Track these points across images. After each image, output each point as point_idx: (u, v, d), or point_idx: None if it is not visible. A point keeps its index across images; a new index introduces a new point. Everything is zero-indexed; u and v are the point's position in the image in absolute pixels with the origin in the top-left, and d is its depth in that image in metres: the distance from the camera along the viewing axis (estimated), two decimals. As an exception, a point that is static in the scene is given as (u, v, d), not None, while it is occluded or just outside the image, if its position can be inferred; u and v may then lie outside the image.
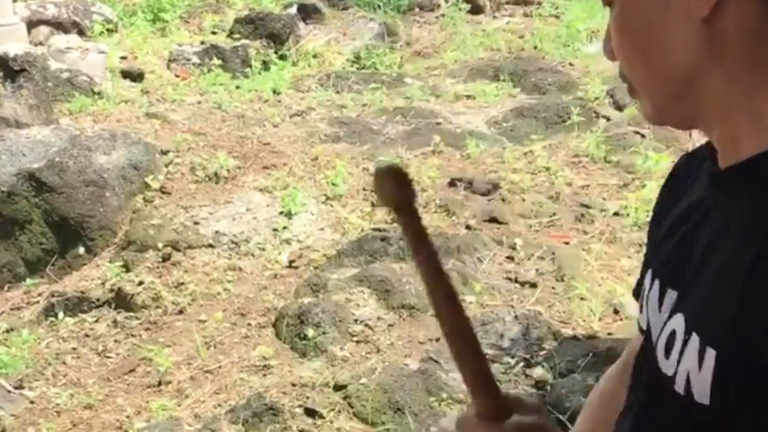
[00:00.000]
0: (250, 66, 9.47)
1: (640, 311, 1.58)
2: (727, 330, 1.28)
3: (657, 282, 1.49)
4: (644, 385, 1.48)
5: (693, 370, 1.32)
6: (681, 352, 1.35)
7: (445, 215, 6.45)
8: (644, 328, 1.53)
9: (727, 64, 1.33)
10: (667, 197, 1.61)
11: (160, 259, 6.19)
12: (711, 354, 1.29)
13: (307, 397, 4.93)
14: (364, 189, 6.81)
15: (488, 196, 6.72)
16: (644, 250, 1.69)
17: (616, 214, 6.48)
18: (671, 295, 1.44)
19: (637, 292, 1.64)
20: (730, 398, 1.28)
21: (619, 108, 8.29)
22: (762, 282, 1.25)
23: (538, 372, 4.98)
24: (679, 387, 1.35)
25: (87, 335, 5.80)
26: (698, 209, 1.45)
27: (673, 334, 1.38)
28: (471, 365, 1.40)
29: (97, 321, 5.91)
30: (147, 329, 5.74)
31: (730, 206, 1.36)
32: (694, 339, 1.33)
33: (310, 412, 4.86)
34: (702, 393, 1.31)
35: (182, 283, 5.99)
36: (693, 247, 1.41)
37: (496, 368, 4.99)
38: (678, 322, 1.38)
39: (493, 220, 6.38)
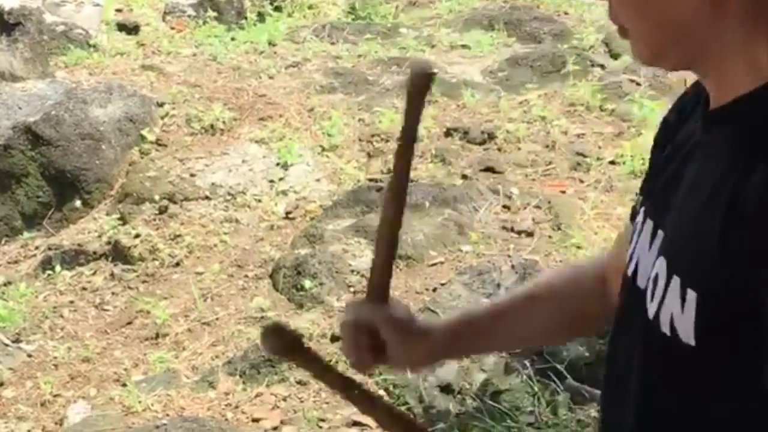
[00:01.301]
0: (246, 17, 9.31)
1: (629, 243, 1.56)
2: (706, 271, 1.29)
3: (650, 222, 1.49)
4: (638, 326, 1.45)
5: (676, 312, 1.33)
6: (663, 295, 1.36)
7: (441, 165, 6.36)
8: (627, 258, 1.53)
9: (725, 12, 1.32)
10: (664, 135, 1.60)
11: (157, 212, 6.10)
12: (692, 296, 1.30)
13: (305, 348, 4.84)
14: (359, 140, 6.71)
15: (484, 145, 6.63)
16: None
17: (612, 162, 6.39)
18: (660, 236, 1.44)
19: (633, 215, 1.63)
20: (715, 339, 1.29)
21: (615, 56, 8.16)
22: (739, 221, 1.25)
23: (535, 321, 4.90)
24: (665, 328, 1.36)
25: (84, 288, 5.73)
26: (684, 147, 1.46)
27: (656, 277, 1.39)
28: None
29: (94, 274, 5.83)
30: (144, 282, 5.67)
31: (713, 145, 1.37)
32: (675, 281, 1.34)
33: (308, 364, 4.78)
34: (687, 334, 1.32)
35: (179, 236, 5.91)
36: (677, 188, 1.42)
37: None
38: (661, 265, 1.39)
39: (489, 169, 6.29)
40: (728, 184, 1.29)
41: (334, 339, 4.90)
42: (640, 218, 1.53)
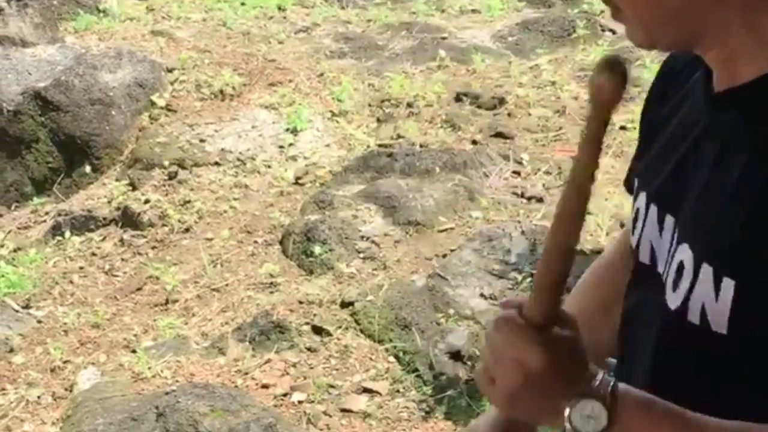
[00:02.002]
0: (255, -18, 9.23)
1: (633, 231, 1.53)
2: (744, 258, 1.25)
3: (654, 207, 1.45)
4: (657, 319, 1.43)
5: (709, 300, 1.30)
6: (692, 284, 1.32)
7: (451, 130, 6.29)
8: (637, 248, 1.50)
9: None
10: (656, 105, 1.57)
11: (166, 177, 6.05)
12: (729, 284, 1.27)
13: (314, 315, 4.81)
14: (369, 105, 6.64)
15: (494, 110, 6.55)
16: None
17: (622, 128, 6.30)
18: (670, 222, 1.41)
19: (628, 183, 1.62)
20: (750, 326, 1.26)
21: (625, 21, 8.07)
22: None
23: (545, 287, 4.84)
24: (694, 318, 1.33)
25: (94, 254, 5.68)
26: (694, 131, 1.41)
27: (681, 265, 1.35)
28: (561, 260, 1.28)
29: (103, 240, 5.79)
30: (153, 248, 5.62)
31: (731, 131, 1.32)
32: (707, 270, 1.30)
33: (317, 330, 4.75)
34: (719, 323, 1.29)
35: (188, 201, 5.85)
36: (692, 173, 1.38)
37: (503, 284, 4.87)
38: (684, 253, 1.35)
39: (499, 134, 6.21)
40: (758, 173, 1.25)
41: (343, 305, 4.86)
42: (641, 203, 1.49)
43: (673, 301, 1.36)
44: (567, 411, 1.28)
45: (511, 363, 1.30)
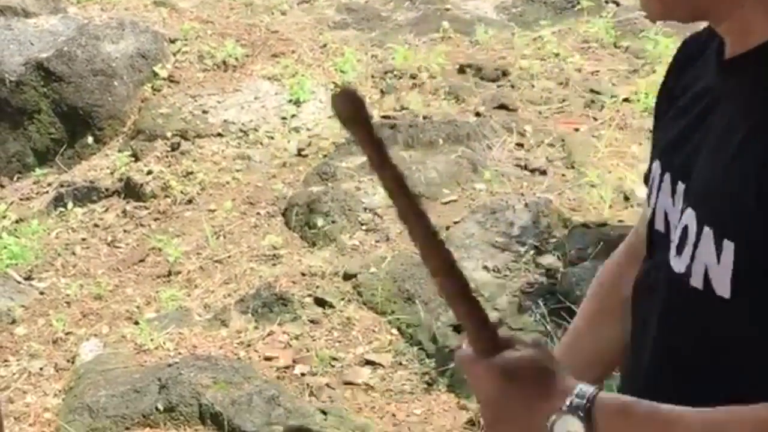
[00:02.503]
0: (258, -47, 9.15)
1: (648, 200, 1.54)
2: (744, 221, 1.25)
3: (668, 175, 1.45)
4: (663, 283, 1.42)
5: (711, 263, 1.29)
6: (695, 247, 1.32)
7: (454, 102, 6.22)
8: (652, 216, 1.50)
9: None
10: (673, 80, 1.56)
11: (169, 149, 6.00)
12: (729, 246, 1.26)
13: (317, 287, 4.77)
14: (372, 76, 6.57)
15: (497, 82, 6.48)
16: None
17: (626, 100, 6.23)
18: (681, 188, 1.41)
19: (648, 178, 1.58)
20: (751, 289, 1.25)
21: (629, -8, 8.00)
22: None
23: (548, 260, 4.82)
24: (697, 282, 1.32)
25: (96, 225, 5.64)
26: (705, 97, 1.41)
27: (685, 229, 1.35)
28: (460, 301, 1.32)
29: (106, 211, 5.74)
30: (156, 219, 5.58)
31: (740, 96, 1.33)
32: (708, 232, 1.30)
33: (320, 302, 4.72)
34: (722, 286, 1.28)
35: (191, 173, 5.80)
36: (700, 139, 1.38)
37: (506, 256, 4.83)
38: (689, 217, 1.35)
39: (503, 106, 6.14)
40: (762, 138, 1.26)
41: (346, 277, 4.82)
42: (656, 171, 1.49)
43: (678, 265, 1.36)
44: (548, 428, 1.27)
45: (478, 394, 1.34)
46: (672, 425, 1.26)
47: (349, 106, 1.24)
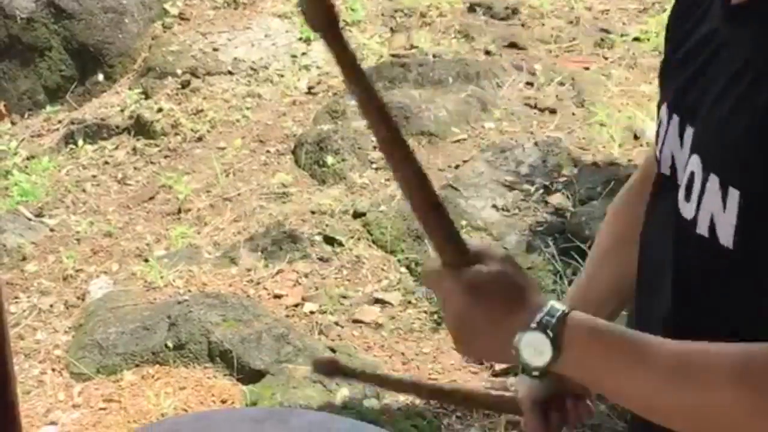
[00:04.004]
0: None
1: (656, 142, 1.47)
2: (748, 169, 1.20)
3: (675, 118, 1.40)
4: (673, 227, 1.36)
5: (717, 211, 1.25)
6: (701, 194, 1.28)
7: (464, 41, 6.08)
8: (659, 159, 1.45)
9: None
10: (680, 19, 1.51)
11: (179, 86, 5.88)
12: (734, 194, 1.22)
13: (326, 225, 4.67)
14: (382, 15, 6.42)
15: (507, 21, 6.34)
16: None
17: (636, 39, 6.10)
18: (689, 132, 1.35)
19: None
20: (755, 241, 1.21)
21: (639, -69, 7.81)
22: None
23: (557, 199, 4.72)
24: (702, 229, 1.28)
25: (107, 162, 5.54)
26: (712, 41, 1.35)
27: (692, 175, 1.30)
28: (428, 213, 1.28)
29: (116, 148, 5.64)
30: (166, 156, 5.47)
31: (745, 42, 1.27)
32: (713, 180, 1.25)
33: (329, 240, 4.62)
34: (726, 235, 1.24)
35: (201, 110, 5.69)
36: (708, 83, 1.32)
37: (515, 195, 4.73)
38: (695, 162, 1.30)
39: (513, 45, 6.01)
40: (764, 84, 1.20)
41: (356, 215, 4.72)
42: (664, 114, 1.44)
43: (686, 211, 1.31)
44: (514, 344, 1.22)
45: (445, 309, 1.28)
46: (641, 351, 1.20)
47: (321, 13, 1.19)
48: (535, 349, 1.21)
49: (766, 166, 1.19)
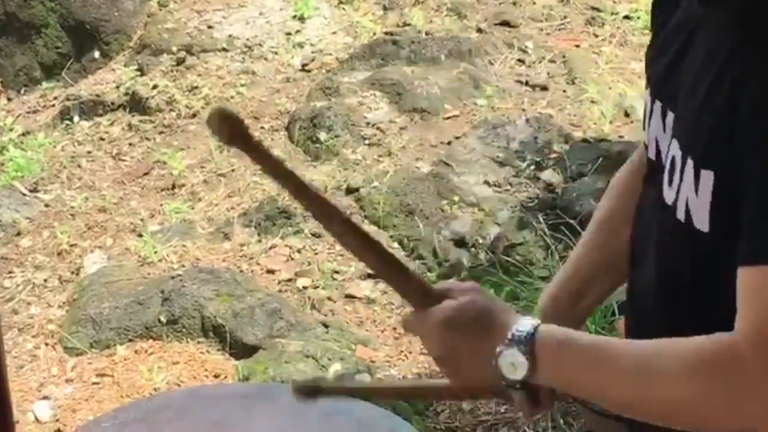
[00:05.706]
0: None
1: (643, 127, 1.47)
2: (721, 151, 1.21)
3: (658, 103, 1.40)
4: (658, 210, 1.37)
5: (691, 195, 1.26)
6: (680, 180, 1.28)
7: (456, 18, 5.99)
8: (646, 144, 1.45)
9: None
10: (663, 3, 1.49)
11: (174, 63, 5.78)
12: (707, 176, 1.23)
13: (319, 201, 4.57)
14: (376, -8, 6.33)
15: (499, -1, 6.24)
16: None
17: (626, 17, 6.00)
18: (670, 118, 1.36)
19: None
20: (727, 224, 1.20)
21: None
22: (752, 102, 1.17)
23: (548, 175, 4.65)
24: (680, 214, 1.29)
25: (102, 139, 5.46)
26: (687, 26, 1.36)
27: (673, 160, 1.31)
28: (383, 268, 1.37)
29: (111, 124, 5.56)
30: (161, 133, 5.39)
31: (718, 25, 1.27)
32: (689, 163, 1.26)
33: (322, 216, 4.52)
34: (701, 219, 1.25)
35: (196, 87, 5.60)
36: (684, 68, 1.33)
37: (506, 171, 4.66)
38: (675, 148, 1.31)
39: (504, 23, 5.92)
40: (733, 67, 1.20)
41: (349, 191, 4.64)
42: (648, 98, 1.44)
43: (669, 195, 1.32)
44: (494, 363, 1.29)
45: (428, 349, 1.38)
46: (603, 356, 1.26)
47: (226, 125, 1.28)
48: (512, 364, 1.28)
49: (734, 150, 1.18)
